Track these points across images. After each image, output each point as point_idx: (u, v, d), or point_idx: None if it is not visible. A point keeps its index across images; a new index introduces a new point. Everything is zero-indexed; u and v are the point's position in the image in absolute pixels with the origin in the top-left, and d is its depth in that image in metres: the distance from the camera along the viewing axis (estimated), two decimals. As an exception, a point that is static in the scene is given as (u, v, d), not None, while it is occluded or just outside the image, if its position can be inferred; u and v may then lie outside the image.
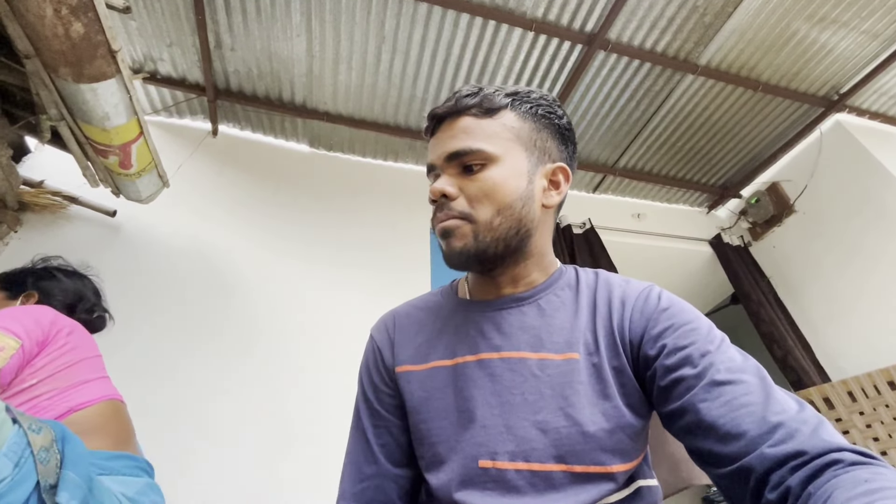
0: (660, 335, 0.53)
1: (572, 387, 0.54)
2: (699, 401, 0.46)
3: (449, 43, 2.15)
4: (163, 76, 2.22)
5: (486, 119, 0.60)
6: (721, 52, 2.29)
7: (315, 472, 1.68)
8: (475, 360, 0.59)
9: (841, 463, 0.38)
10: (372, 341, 0.69)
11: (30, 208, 1.85)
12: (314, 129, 2.50)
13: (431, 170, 0.63)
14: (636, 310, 0.57)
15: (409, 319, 0.68)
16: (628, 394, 0.54)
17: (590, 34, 2.16)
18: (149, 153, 1.64)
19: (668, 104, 2.53)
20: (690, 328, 0.53)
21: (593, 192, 3.05)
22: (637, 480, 0.55)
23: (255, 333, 1.93)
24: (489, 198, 0.57)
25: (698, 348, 0.50)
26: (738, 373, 0.47)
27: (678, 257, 3.10)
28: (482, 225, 0.57)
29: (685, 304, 0.57)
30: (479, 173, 0.58)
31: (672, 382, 0.49)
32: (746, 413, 0.44)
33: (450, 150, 0.59)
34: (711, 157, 2.91)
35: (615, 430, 0.52)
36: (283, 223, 2.25)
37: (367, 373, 0.67)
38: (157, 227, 2.02)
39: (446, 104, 0.61)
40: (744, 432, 0.43)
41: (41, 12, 1.14)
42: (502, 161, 0.58)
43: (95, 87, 1.33)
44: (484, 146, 0.58)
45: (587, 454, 0.51)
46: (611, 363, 0.55)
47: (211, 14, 1.97)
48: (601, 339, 0.57)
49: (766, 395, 0.45)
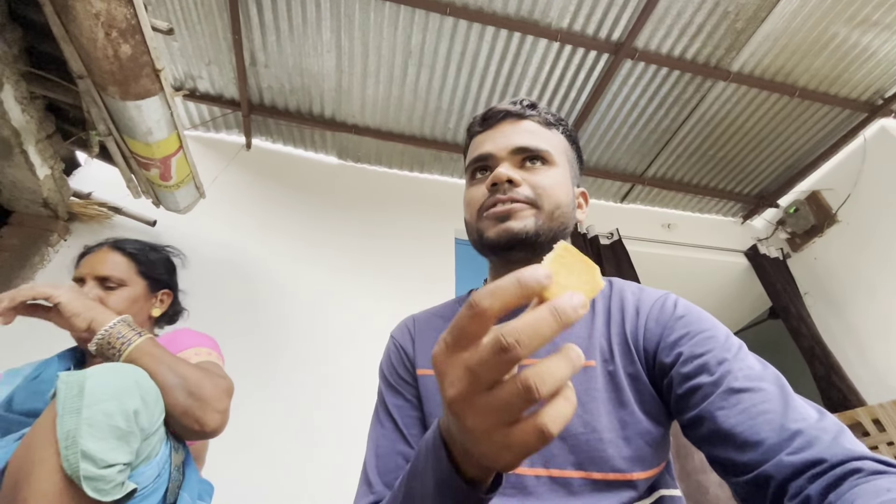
0: (676, 343, 0.53)
1: (589, 394, 0.54)
2: (716, 409, 0.45)
3: (474, 55, 2.18)
4: (201, 93, 2.33)
5: (546, 129, 0.67)
6: (754, 57, 2.23)
7: (340, 477, 1.69)
8: None
9: (862, 472, 0.37)
10: (393, 340, 0.70)
11: (78, 218, 1.97)
12: (343, 142, 2.57)
13: (483, 160, 0.65)
14: (651, 318, 0.57)
15: (428, 325, 0.69)
16: (645, 401, 0.54)
17: (616, 43, 2.14)
18: (187, 166, 1.72)
19: (699, 112, 2.48)
20: (707, 336, 0.52)
21: (621, 201, 3.00)
22: (659, 489, 0.54)
23: (282, 339, 1.98)
24: (552, 191, 0.61)
25: (715, 356, 0.49)
26: (757, 380, 0.46)
27: (711, 269, 3.00)
28: (545, 213, 0.60)
29: (702, 312, 0.57)
30: (540, 170, 0.63)
31: (689, 390, 0.49)
32: (765, 421, 0.43)
33: (519, 143, 0.63)
34: (746, 166, 2.81)
35: (633, 438, 0.51)
36: (312, 232, 2.31)
37: (391, 368, 0.67)
38: (194, 236, 2.11)
39: (510, 105, 0.65)
40: (762, 440, 0.42)
41: (93, 35, 1.22)
42: (559, 168, 0.64)
43: (140, 104, 1.41)
44: (550, 149, 0.64)
45: (606, 461, 0.50)
46: (626, 370, 0.55)
47: (247, 33, 2.07)
48: (615, 347, 0.56)
49: (784, 403, 0.44)
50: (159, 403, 0.70)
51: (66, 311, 0.75)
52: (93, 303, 0.78)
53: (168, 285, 1.10)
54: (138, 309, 1.01)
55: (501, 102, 0.68)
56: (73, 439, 0.58)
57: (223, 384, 0.80)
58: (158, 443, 0.69)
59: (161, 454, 0.69)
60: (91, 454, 0.58)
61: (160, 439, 0.69)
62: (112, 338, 0.75)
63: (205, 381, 0.76)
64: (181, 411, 0.72)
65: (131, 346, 0.74)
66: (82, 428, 0.59)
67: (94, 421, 0.59)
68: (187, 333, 0.99)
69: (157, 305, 1.06)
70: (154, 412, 0.68)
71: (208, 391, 0.76)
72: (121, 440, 0.61)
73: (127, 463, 0.62)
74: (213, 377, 0.80)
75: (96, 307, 0.78)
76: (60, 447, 0.58)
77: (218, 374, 0.83)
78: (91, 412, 0.60)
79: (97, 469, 0.58)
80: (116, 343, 0.74)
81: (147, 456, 0.67)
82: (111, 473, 0.59)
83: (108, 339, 0.75)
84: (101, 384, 0.63)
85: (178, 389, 0.73)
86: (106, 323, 0.76)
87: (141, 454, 0.65)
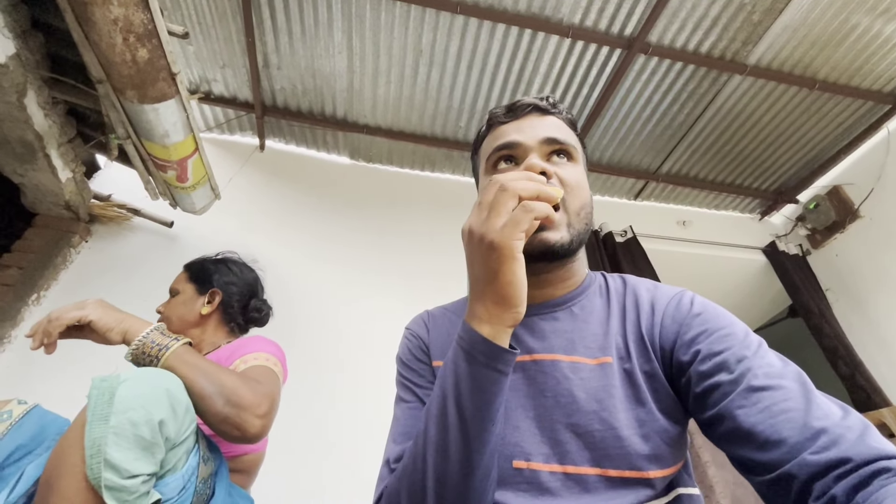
0: (693, 340, 0.52)
1: (606, 391, 0.53)
2: (736, 407, 0.45)
3: (485, 53, 2.18)
4: (216, 95, 2.37)
5: (569, 127, 0.67)
6: (772, 50, 2.18)
7: (354, 472, 1.70)
8: None
9: (890, 471, 0.35)
10: (409, 331, 0.70)
11: (99, 220, 2.01)
12: (354, 142, 2.58)
13: (509, 147, 0.62)
14: (667, 315, 0.56)
15: (443, 319, 0.69)
16: (661, 399, 0.53)
17: (629, 38, 2.12)
18: (203, 167, 1.75)
19: (715, 106, 2.43)
20: (725, 333, 0.51)
21: (635, 198, 2.96)
22: (677, 488, 0.53)
23: (295, 337, 1.99)
24: (580, 190, 0.60)
25: (734, 353, 0.48)
26: (777, 378, 0.45)
27: (728, 266, 2.95)
28: (572, 214, 0.58)
29: (719, 308, 0.56)
30: (567, 165, 0.62)
31: (707, 389, 0.48)
32: (786, 419, 0.42)
33: (549, 134, 0.62)
34: (763, 161, 2.75)
35: (650, 436, 0.51)
36: (324, 232, 2.33)
37: (409, 356, 0.67)
38: (210, 236, 2.14)
39: (538, 99, 0.66)
40: (784, 439, 0.41)
41: (112, 41, 1.25)
42: (580, 166, 0.64)
43: (157, 107, 1.44)
44: (576, 146, 0.64)
45: (622, 459, 0.50)
46: (642, 368, 0.54)
47: (260, 36, 2.10)
48: (631, 345, 0.56)
49: (807, 401, 0.43)
50: (189, 413, 0.70)
51: (100, 328, 0.77)
52: (123, 314, 0.80)
53: (215, 285, 1.18)
54: (188, 309, 1.13)
55: (525, 97, 0.67)
56: (98, 448, 0.58)
57: (262, 389, 0.80)
58: (185, 454, 0.69)
59: (188, 466, 0.69)
60: (115, 464, 0.58)
61: (187, 450, 0.69)
62: (146, 346, 0.76)
63: (242, 388, 0.77)
64: (221, 419, 0.73)
65: (169, 351, 0.75)
66: (108, 437, 0.59)
67: (120, 430, 0.59)
68: (255, 340, 1.03)
69: (205, 304, 1.14)
70: (183, 422, 0.67)
71: (247, 397, 0.76)
72: (145, 450, 0.61)
73: (151, 473, 0.62)
74: (251, 383, 0.80)
75: (127, 318, 0.79)
76: (86, 455, 0.58)
77: (258, 379, 0.84)
78: (118, 420, 0.60)
79: (120, 479, 0.58)
80: (151, 351, 0.75)
81: (173, 467, 0.66)
82: (134, 484, 0.59)
83: (142, 349, 0.76)
84: (132, 392, 0.63)
85: (217, 397, 0.73)
86: (140, 333, 0.77)
87: (166, 465, 0.65)
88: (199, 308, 1.14)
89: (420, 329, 0.70)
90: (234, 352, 0.99)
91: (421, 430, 0.50)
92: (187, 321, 1.12)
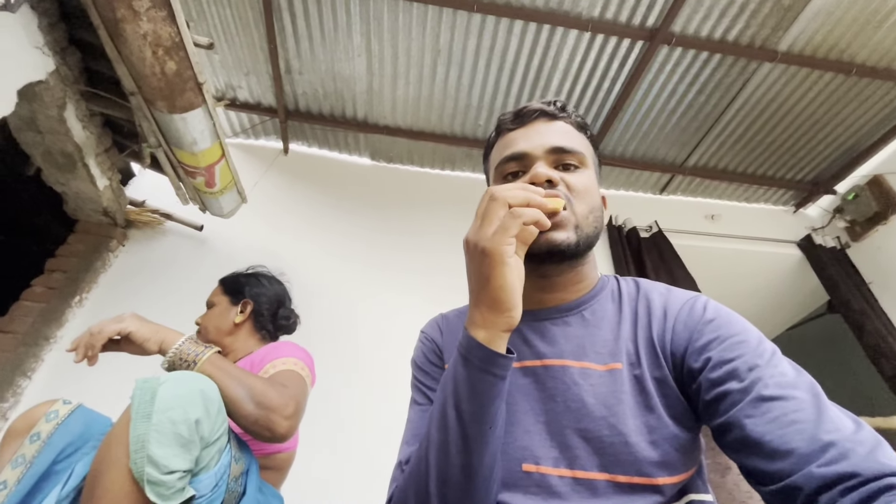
0: (704, 347, 0.51)
1: (616, 397, 0.53)
2: (745, 416, 0.44)
3: (503, 51, 2.16)
4: (241, 102, 2.44)
5: (578, 131, 0.66)
6: (804, 35, 2.09)
7: (372, 469, 1.73)
8: (518, 367, 0.59)
9: None
10: (424, 335, 0.72)
11: (134, 225, 2.11)
12: (375, 143, 2.62)
13: (516, 158, 0.63)
14: (679, 321, 0.55)
15: (458, 321, 0.70)
16: (672, 405, 0.52)
17: (651, 29, 2.07)
18: (229, 172, 1.81)
19: (744, 96, 2.35)
20: (737, 340, 0.50)
21: (660, 193, 2.89)
22: (689, 494, 0.52)
23: (317, 333, 2.03)
24: (588, 196, 0.60)
25: (745, 361, 0.47)
26: (789, 388, 0.45)
27: (761, 261, 2.84)
28: (579, 218, 0.59)
29: (733, 315, 0.54)
30: (576, 172, 0.62)
31: (717, 396, 0.47)
32: (795, 430, 0.41)
33: (556, 143, 0.62)
34: (797, 151, 2.64)
35: (660, 442, 0.50)
36: (346, 231, 2.38)
37: (423, 359, 0.69)
38: (238, 238, 2.22)
39: (545, 104, 0.65)
40: (792, 450, 0.40)
41: (142, 55, 1.31)
42: (590, 171, 0.64)
43: (185, 116, 1.50)
44: (584, 151, 0.63)
45: (631, 465, 0.50)
46: (652, 374, 0.54)
47: (281, 42, 2.15)
48: (642, 350, 0.55)
49: (818, 413, 0.42)
50: (221, 414, 0.73)
51: (138, 339, 0.82)
52: (158, 326, 0.85)
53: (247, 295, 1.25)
54: (223, 319, 1.20)
55: (533, 102, 0.67)
56: (141, 444, 0.62)
57: (288, 392, 0.85)
58: (218, 453, 0.72)
59: (220, 465, 0.72)
60: (156, 459, 0.61)
61: (220, 449, 0.72)
62: (182, 354, 0.81)
63: (270, 391, 0.82)
64: (252, 420, 0.78)
65: (203, 357, 0.80)
66: (151, 434, 0.62)
67: (161, 427, 0.63)
68: (285, 345, 1.09)
69: (238, 313, 1.22)
70: (216, 422, 0.71)
71: (274, 400, 0.81)
72: (183, 448, 0.64)
73: (187, 470, 0.65)
74: (278, 386, 0.85)
75: (161, 329, 0.84)
76: (130, 450, 0.62)
77: (284, 383, 0.89)
78: (159, 418, 0.64)
79: (160, 474, 0.61)
80: (187, 357, 0.80)
81: (206, 465, 0.69)
82: (172, 479, 0.62)
83: (178, 356, 0.81)
84: (171, 392, 0.67)
85: (247, 400, 0.78)
86: (175, 342, 0.82)
87: (200, 462, 0.68)
88: (232, 317, 1.21)
89: (434, 332, 0.71)
90: (264, 356, 1.05)
91: (425, 433, 0.52)
92: (222, 330, 1.19)
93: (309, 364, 1.05)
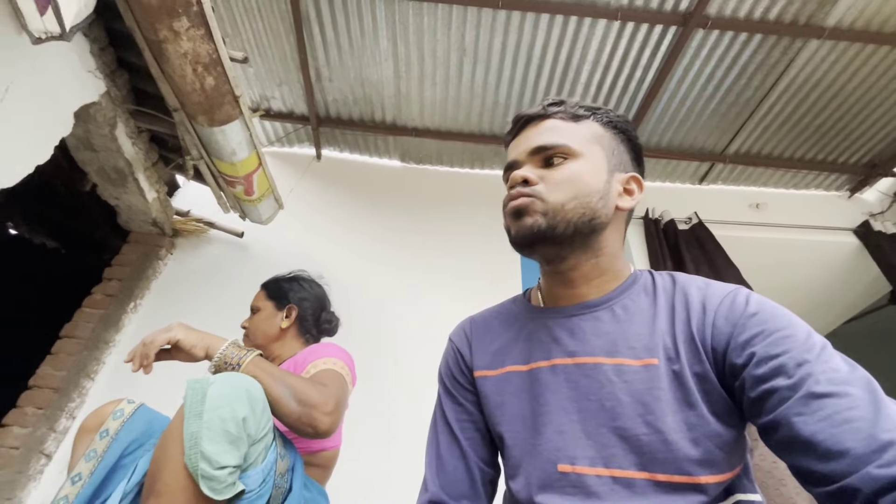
0: (748, 342, 0.49)
1: (652, 394, 0.51)
2: (794, 414, 0.42)
3: (529, 46, 2.14)
4: (275, 112, 2.53)
5: (571, 123, 0.66)
6: (855, 8, 1.95)
7: (413, 466, 1.75)
8: (549, 366, 0.59)
9: None
10: (451, 343, 0.73)
11: (181, 234, 2.23)
12: (404, 145, 2.65)
13: (511, 168, 0.67)
14: (720, 315, 0.53)
15: (486, 326, 0.70)
16: (713, 402, 0.50)
17: (684, 13, 1.99)
18: (266, 180, 1.88)
19: (788, 77, 2.22)
20: (784, 335, 0.47)
21: (699, 182, 2.78)
22: (735, 494, 0.50)
23: (355, 334, 2.08)
24: (568, 185, 0.61)
25: (793, 357, 0.45)
26: (842, 385, 0.42)
27: (813, 251, 2.67)
28: (552, 205, 0.60)
29: (778, 308, 0.52)
30: (560, 166, 0.62)
31: (763, 394, 0.45)
32: (850, 429, 0.39)
33: (535, 144, 0.64)
34: (850, 132, 2.47)
35: (701, 440, 0.49)
36: (379, 233, 2.42)
37: (448, 371, 0.70)
38: (276, 243, 2.30)
39: (533, 108, 0.67)
40: (847, 450, 0.38)
41: (183, 72, 1.38)
42: (584, 158, 0.62)
43: (224, 128, 1.57)
44: (568, 142, 0.63)
45: (671, 463, 0.48)
46: (692, 369, 0.52)
47: (311, 52, 2.21)
48: (681, 345, 0.53)
49: (875, 410, 0.40)
50: (266, 412, 0.77)
51: (186, 346, 0.87)
52: (203, 333, 0.90)
53: (291, 301, 1.28)
54: (269, 325, 1.24)
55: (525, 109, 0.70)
56: (195, 441, 0.66)
57: (328, 390, 0.89)
58: (264, 450, 0.75)
59: (267, 461, 0.75)
60: (208, 455, 0.65)
61: (266, 447, 0.76)
62: (227, 358, 0.86)
63: (310, 390, 0.86)
64: (295, 418, 0.82)
65: (247, 359, 0.85)
66: (203, 431, 0.66)
67: (211, 425, 0.67)
68: (326, 346, 1.13)
69: (284, 319, 1.26)
70: (261, 420, 0.74)
71: (315, 397, 0.85)
72: (232, 444, 0.68)
73: (236, 466, 0.68)
74: (317, 385, 0.89)
75: (206, 336, 0.89)
76: (185, 447, 0.66)
77: (323, 382, 0.93)
78: (210, 416, 0.68)
79: (212, 470, 0.65)
80: (232, 361, 0.85)
81: (254, 462, 0.73)
82: (223, 475, 0.66)
83: (223, 360, 0.86)
84: (220, 391, 0.71)
85: (289, 399, 0.82)
86: (219, 347, 0.87)
87: (248, 458, 0.72)
88: (279, 323, 1.25)
89: (461, 342, 0.72)
90: (307, 357, 1.09)
91: None
92: (269, 335, 1.24)
93: (349, 364, 1.08)
